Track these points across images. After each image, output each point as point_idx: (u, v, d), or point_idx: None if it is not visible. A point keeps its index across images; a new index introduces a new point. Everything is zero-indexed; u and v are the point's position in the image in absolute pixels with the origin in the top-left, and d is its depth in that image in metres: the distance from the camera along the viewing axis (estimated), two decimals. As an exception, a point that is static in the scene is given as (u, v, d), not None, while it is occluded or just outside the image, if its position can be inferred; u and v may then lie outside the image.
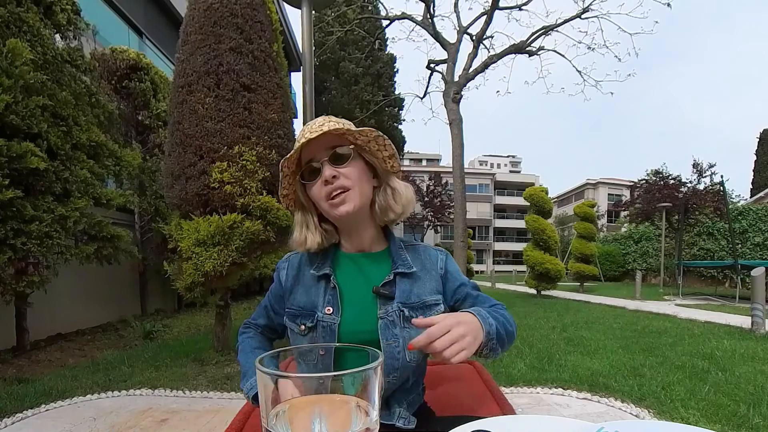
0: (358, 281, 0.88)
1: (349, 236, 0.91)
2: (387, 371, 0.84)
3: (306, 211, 0.91)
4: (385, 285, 0.86)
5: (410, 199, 0.91)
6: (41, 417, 2.34)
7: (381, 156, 0.88)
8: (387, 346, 0.83)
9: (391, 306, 0.85)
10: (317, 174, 0.83)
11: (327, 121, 0.85)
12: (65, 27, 3.54)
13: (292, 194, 0.91)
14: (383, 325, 0.84)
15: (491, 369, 3.20)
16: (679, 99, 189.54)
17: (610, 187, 43.63)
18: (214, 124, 3.11)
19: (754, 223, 11.87)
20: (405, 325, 0.85)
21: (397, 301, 0.85)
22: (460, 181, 4.98)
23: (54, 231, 3.12)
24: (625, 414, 2.39)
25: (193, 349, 3.74)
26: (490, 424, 0.62)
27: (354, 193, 0.83)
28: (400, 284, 0.87)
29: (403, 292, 0.86)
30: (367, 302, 0.86)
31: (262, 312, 0.97)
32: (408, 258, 0.90)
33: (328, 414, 0.40)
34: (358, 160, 0.86)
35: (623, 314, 6.54)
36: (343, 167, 0.83)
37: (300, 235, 0.90)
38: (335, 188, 0.82)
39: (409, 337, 0.84)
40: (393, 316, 0.84)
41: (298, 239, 0.90)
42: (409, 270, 0.88)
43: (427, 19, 5.45)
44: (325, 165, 0.82)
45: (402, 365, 0.84)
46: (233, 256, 3.08)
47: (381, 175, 0.91)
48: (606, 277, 16.21)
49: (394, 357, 0.84)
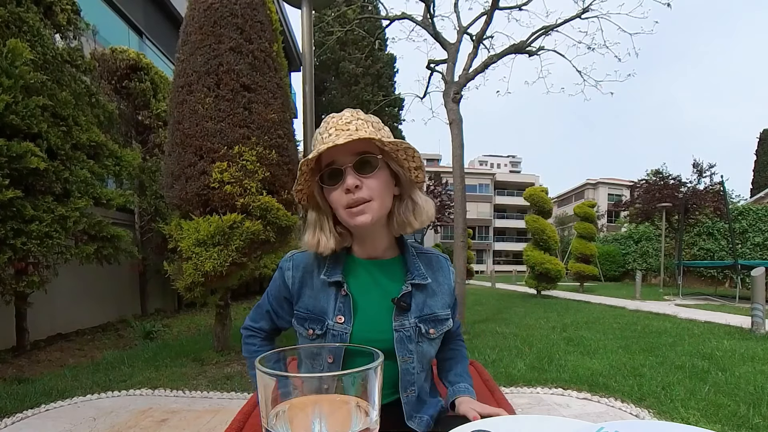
0: (371, 290, 0.86)
1: (363, 242, 0.88)
2: (405, 386, 0.85)
3: (321, 212, 0.85)
4: (404, 296, 0.84)
5: (430, 216, 0.87)
6: (41, 417, 2.34)
7: (407, 165, 0.83)
8: (403, 363, 0.83)
9: (407, 319, 0.83)
10: (338, 178, 0.77)
11: (355, 118, 0.79)
12: (65, 27, 3.54)
13: (308, 190, 0.85)
14: (398, 338, 0.83)
15: (491, 369, 3.20)
16: (679, 99, 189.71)
17: (610, 187, 43.62)
18: (214, 124, 3.11)
19: (754, 223, 11.87)
20: (419, 340, 0.84)
21: (414, 316, 0.84)
22: (460, 181, 4.97)
23: (54, 231, 3.12)
24: (625, 414, 2.39)
25: (193, 349, 3.74)
26: (490, 424, 0.62)
27: (375, 205, 0.78)
28: (416, 296, 0.86)
29: (417, 305, 0.85)
30: (381, 312, 0.84)
31: (263, 315, 0.94)
32: (422, 267, 0.88)
33: (328, 414, 0.40)
34: (383, 170, 0.80)
35: (623, 314, 6.54)
36: (367, 177, 0.77)
37: (313, 238, 0.85)
38: (357, 199, 0.77)
39: (420, 351, 0.85)
40: (410, 331, 0.83)
41: (310, 242, 0.85)
42: (424, 281, 0.86)
43: (427, 19, 5.45)
44: (348, 172, 0.76)
45: (416, 379, 0.85)
46: (233, 256, 3.08)
47: (404, 185, 0.85)
48: (606, 277, 16.21)
49: (410, 372, 0.84)
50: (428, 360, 0.89)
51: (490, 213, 46.21)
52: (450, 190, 18.61)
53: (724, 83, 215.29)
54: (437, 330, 0.87)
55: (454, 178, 4.95)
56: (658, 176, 12.81)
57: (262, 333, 0.95)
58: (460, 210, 4.92)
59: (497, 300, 9.06)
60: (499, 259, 46.19)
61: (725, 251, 12.38)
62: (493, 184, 47.11)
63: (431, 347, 0.87)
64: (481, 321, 5.77)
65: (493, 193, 47.08)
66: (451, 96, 5.07)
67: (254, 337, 0.95)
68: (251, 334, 0.96)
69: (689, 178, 12.30)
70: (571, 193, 46.83)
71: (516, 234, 47.95)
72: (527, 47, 5.52)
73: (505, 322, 5.61)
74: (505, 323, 5.46)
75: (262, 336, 0.95)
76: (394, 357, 0.82)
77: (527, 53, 5.59)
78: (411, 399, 0.85)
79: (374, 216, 0.79)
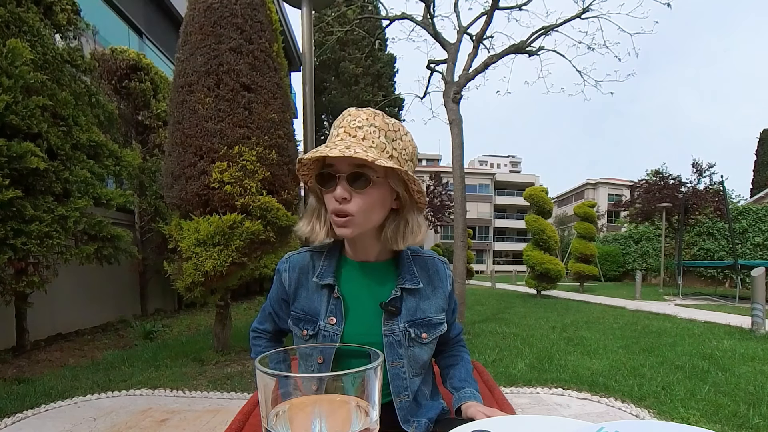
0: (362, 293, 0.86)
1: (354, 246, 0.87)
2: (397, 391, 0.84)
3: (320, 201, 0.86)
4: (392, 300, 0.84)
5: (418, 241, 0.85)
6: (41, 417, 2.34)
7: (411, 188, 0.80)
8: (392, 368, 0.83)
9: (397, 324, 0.83)
10: (332, 184, 0.76)
11: (368, 124, 0.76)
12: (65, 27, 3.54)
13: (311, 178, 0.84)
14: (388, 343, 0.83)
15: (491, 369, 3.20)
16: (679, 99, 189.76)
17: (610, 187, 43.62)
18: (214, 124, 3.11)
19: (754, 223, 11.88)
20: (410, 344, 0.84)
21: (404, 321, 0.84)
22: (460, 181, 4.97)
23: (54, 231, 3.12)
24: (625, 414, 2.39)
25: (193, 349, 3.74)
26: (490, 424, 0.62)
27: (358, 221, 0.77)
28: (407, 300, 0.85)
29: (408, 309, 0.85)
30: (372, 315, 0.84)
31: (267, 318, 0.95)
32: (415, 271, 0.87)
33: (328, 414, 0.40)
34: (380, 187, 0.77)
35: (623, 314, 6.54)
36: (359, 192, 0.76)
37: (307, 226, 0.86)
38: (343, 211, 0.76)
39: (412, 355, 0.84)
40: (399, 336, 0.83)
41: (304, 228, 0.86)
42: (416, 286, 0.86)
43: (427, 19, 5.45)
44: (340, 182, 0.75)
45: (409, 384, 0.85)
46: (233, 256, 3.08)
47: (403, 203, 0.83)
48: (606, 277, 16.22)
49: (400, 377, 0.84)
50: (422, 364, 0.87)
51: (490, 213, 46.21)
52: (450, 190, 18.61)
53: (725, 83, 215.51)
54: (430, 334, 0.86)
55: (454, 178, 4.95)
56: (658, 176, 12.80)
57: (267, 335, 0.97)
58: (460, 210, 4.92)
59: (497, 300, 9.06)
60: (499, 259, 46.19)
61: (725, 251, 12.39)
62: (493, 184, 47.10)
63: (424, 351, 0.87)
64: (481, 321, 5.77)
65: (493, 193, 47.08)
66: (451, 96, 5.07)
67: (260, 339, 0.97)
68: (257, 336, 0.97)
69: (689, 178, 12.30)
70: (571, 193, 46.84)
71: (516, 234, 47.95)
72: (527, 47, 5.52)
73: (505, 322, 5.61)
74: (505, 323, 5.46)
75: (267, 338, 0.97)
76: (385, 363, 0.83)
77: (527, 53, 5.59)
78: (404, 404, 0.85)
79: (355, 231, 0.78)
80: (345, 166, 0.75)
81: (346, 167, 0.75)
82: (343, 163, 0.75)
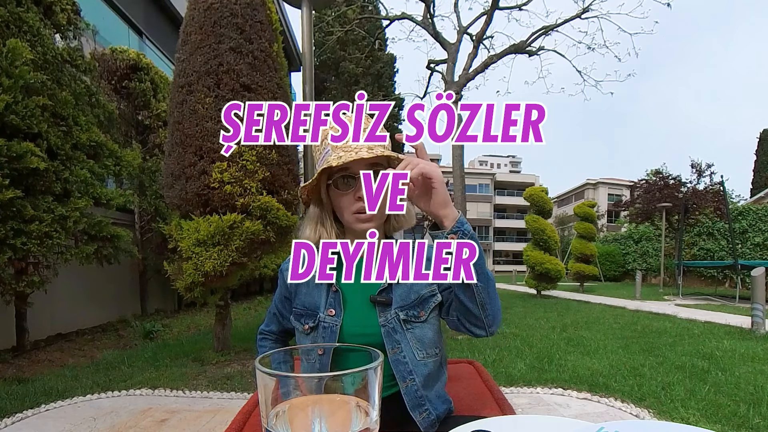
0: (358, 285, 0.88)
1: (356, 239, 0.90)
2: (402, 376, 0.84)
3: (323, 208, 0.89)
4: (382, 292, 0.85)
5: (412, 216, 0.92)
6: (41, 417, 2.34)
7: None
8: (393, 355, 0.84)
9: (389, 313, 0.85)
10: (351, 185, 0.82)
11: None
12: (65, 27, 3.54)
13: (312, 186, 0.87)
14: (385, 332, 0.84)
15: (491, 369, 3.20)
16: (679, 99, 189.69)
17: (610, 187, 43.62)
18: (214, 124, 3.11)
19: (754, 223, 11.88)
20: (406, 327, 0.85)
21: (395, 307, 0.85)
22: (460, 181, 4.98)
23: (54, 231, 3.12)
24: (625, 414, 2.39)
25: (193, 349, 3.74)
26: (490, 424, 0.62)
27: (381, 215, 0.84)
28: (398, 288, 0.87)
29: (400, 296, 0.86)
30: (368, 307, 0.86)
31: (272, 319, 0.98)
32: None
33: (328, 414, 0.40)
34: None
35: (623, 314, 6.54)
36: None
37: (314, 233, 0.88)
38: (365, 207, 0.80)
39: (412, 338, 0.85)
40: (393, 323, 0.84)
41: (311, 236, 0.88)
42: None
43: (427, 19, 5.45)
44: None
45: (413, 367, 0.84)
46: (233, 256, 3.08)
47: None
48: (606, 277, 16.21)
49: (401, 362, 0.84)
50: (428, 342, 0.86)
51: (490, 213, 46.22)
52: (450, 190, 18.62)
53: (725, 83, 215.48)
54: (425, 310, 0.86)
55: (454, 178, 4.95)
56: (658, 176, 12.79)
57: (272, 336, 0.99)
58: (460, 210, 4.92)
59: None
60: (499, 259, 46.21)
61: (725, 251, 12.39)
62: (493, 184, 47.12)
63: (426, 329, 0.86)
64: (481, 321, 5.75)
65: (493, 193, 47.09)
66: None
67: (265, 340, 0.99)
68: (263, 337, 1.00)
69: (689, 178, 12.29)
70: (571, 193, 46.82)
71: (516, 234, 47.95)
72: (527, 47, 5.52)
73: (505, 322, 5.61)
74: (505, 323, 5.46)
75: (272, 339, 0.99)
76: (385, 350, 0.84)
77: (527, 53, 5.60)
78: (411, 389, 0.85)
79: (378, 224, 0.85)
80: (362, 165, 0.80)
81: (363, 166, 0.80)
82: (359, 163, 0.79)
